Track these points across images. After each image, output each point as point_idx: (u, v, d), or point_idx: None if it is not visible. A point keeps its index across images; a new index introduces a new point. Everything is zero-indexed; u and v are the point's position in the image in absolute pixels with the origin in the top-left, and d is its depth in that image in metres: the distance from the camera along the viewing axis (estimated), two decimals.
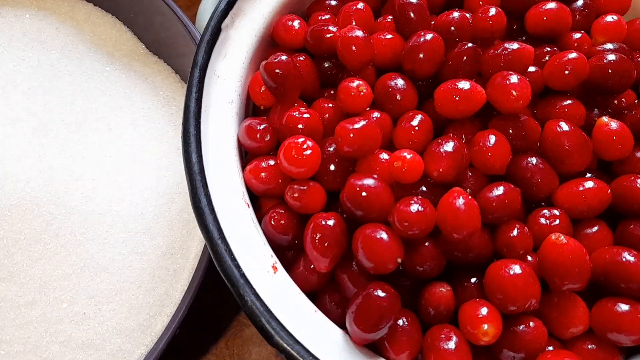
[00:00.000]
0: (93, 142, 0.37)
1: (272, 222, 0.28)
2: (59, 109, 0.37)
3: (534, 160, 0.29)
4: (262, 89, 0.32)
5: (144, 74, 0.41)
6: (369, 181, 0.27)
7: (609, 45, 0.33)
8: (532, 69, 0.32)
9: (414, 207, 0.26)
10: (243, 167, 0.31)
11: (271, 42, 0.36)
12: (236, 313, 0.41)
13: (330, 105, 0.32)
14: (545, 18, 0.34)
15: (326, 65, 0.34)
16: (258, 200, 0.31)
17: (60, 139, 0.36)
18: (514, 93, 0.29)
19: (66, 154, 0.35)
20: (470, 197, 0.26)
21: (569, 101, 0.31)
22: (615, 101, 0.33)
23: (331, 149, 0.30)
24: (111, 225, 0.35)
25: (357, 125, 0.28)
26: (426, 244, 0.27)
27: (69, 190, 0.34)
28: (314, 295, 0.29)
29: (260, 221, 0.29)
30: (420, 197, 0.27)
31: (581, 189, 0.29)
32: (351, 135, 0.28)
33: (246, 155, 0.33)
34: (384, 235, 0.26)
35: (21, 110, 0.36)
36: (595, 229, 0.29)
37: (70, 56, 0.40)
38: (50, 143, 0.35)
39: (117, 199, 0.35)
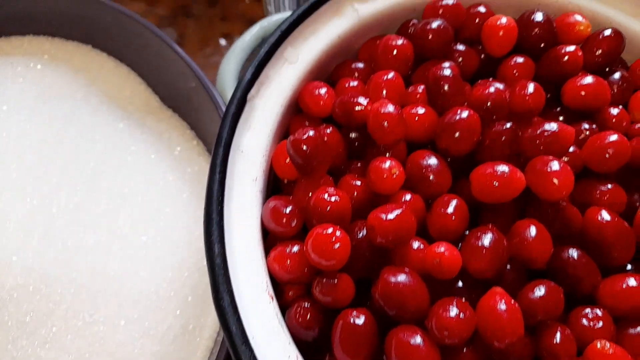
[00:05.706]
0: (105, 209, 0.34)
1: (299, 319, 0.26)
2: (70, 171, 0.35)
3: (575, 253, 0.28)
4: (287, 160, 0.31)
5: (159, 130, 0.39)
6: (404, 278, 0.25)
7: None
8: (570, 149, 0.31)
9: (454, 312, 0.24)
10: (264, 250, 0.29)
11: (296, 108, 0.34)
12: None
13: (359, 183, 0.30)
14: (583, 93, 0.32)
15: (353, 135, 0.33)
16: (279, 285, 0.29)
17: (70, 207, 0.33)
18: (556, 182, 0.27)
19: (77, 224, 0.33)
20: (512, 300, 0.25)
21: (610, 186, 0.30)
22: None
23: (360, 235, 0.28)
24: (121, 305, 0.32)
25: (391, 216, 0.26)
26: (464, 350, 0.25)
27: (79, 267, 0.32)
28: None
29: (283, 312, 0.28)
30: (459, 298, 0.25)
31: (624, 286, 0.27)
32: (386, 226, 0.26)
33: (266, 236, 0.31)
34: (420, 341, 0.24)
35: (28, 174, 0.34)
36: (639, 329, 0.27)
37: (83, 110, 0.38)
38: (60, 212, 0.33)
39: (129, 274, 0.33)
